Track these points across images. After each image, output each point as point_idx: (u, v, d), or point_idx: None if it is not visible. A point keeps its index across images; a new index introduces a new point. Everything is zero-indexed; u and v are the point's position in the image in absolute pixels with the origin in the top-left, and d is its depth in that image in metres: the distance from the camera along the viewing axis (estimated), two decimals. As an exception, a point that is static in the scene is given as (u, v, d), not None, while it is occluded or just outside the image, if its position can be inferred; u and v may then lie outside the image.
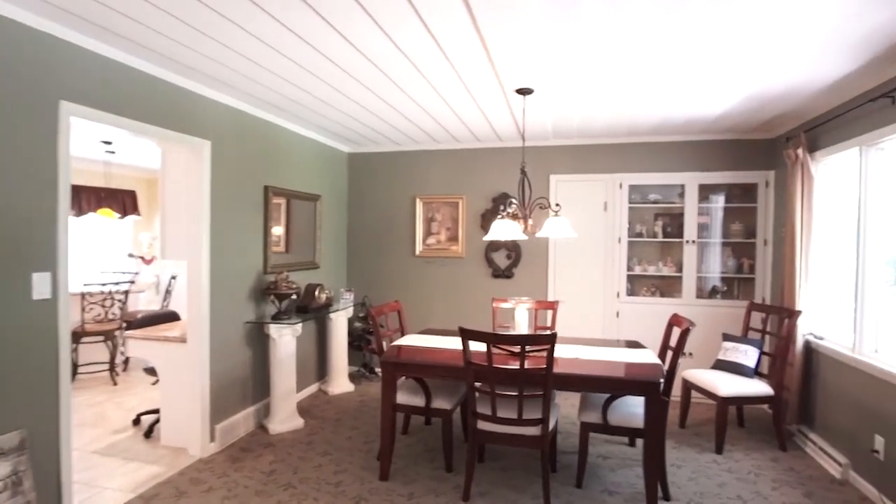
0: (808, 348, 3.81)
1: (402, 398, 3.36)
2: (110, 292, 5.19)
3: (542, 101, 3.70)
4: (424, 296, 5.47)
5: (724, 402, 3.62)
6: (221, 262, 3.67)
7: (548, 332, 2.67)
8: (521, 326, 3.37)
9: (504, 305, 4.12)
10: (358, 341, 5.36)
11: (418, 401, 3.33)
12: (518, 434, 2.86)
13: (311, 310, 4.42)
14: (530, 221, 3.38)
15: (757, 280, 4.71)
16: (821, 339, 3.71)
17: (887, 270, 3.14)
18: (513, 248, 5.20)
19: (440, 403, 3.30)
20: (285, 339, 3.99)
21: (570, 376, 2.85)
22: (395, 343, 3.57)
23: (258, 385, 4.12)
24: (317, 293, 4.49)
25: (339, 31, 2.53)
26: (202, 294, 3.48)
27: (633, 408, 3.06)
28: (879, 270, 3.18)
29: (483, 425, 2.93)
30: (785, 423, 3.78)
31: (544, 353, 2.71)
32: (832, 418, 3.48)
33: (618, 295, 4.96)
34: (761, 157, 4.71)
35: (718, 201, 4.88)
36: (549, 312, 4.26)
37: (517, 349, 2.73)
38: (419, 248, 5.47)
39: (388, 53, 2.84)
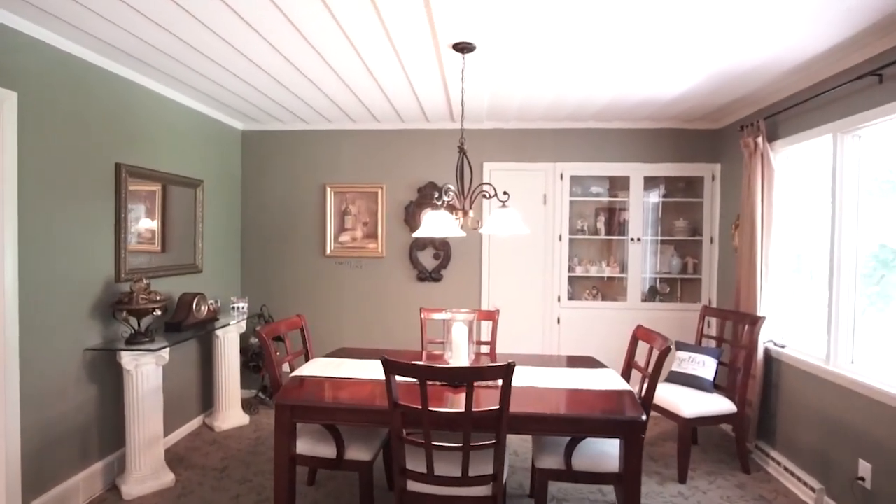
0: (768, 357, 3.46)
1: (305, 447, 2.52)
2: None
3: (482, 67, 3.01)
4: (337, 304, 4.61)
5: (688, 424, 3.16)
6: (43, 266, 2.60)
7: (503, 363, 1.97)
8: (460, 348, 2.67)
9: (436, 317, 3.39)
10: (255, 361, 4.39)
11: (326, 451, 2.51)
12: (463, 497, 2.15)
13: (187, 327, 3.41)
14: (470, 213, 2.68)
15: (703, 281, 4.37)
16: (782, 347, 3.36)
17: (866, 269, 2.81)
18: (441, 247, 4.49)
19: (357, 453, 2.50)
20: (146, 369, 2.97)
21: (533, 417, 2.17)
22: (297, 373, 2.72)
23: (109, 432, 3.07)
24: (195, 305, 3.49)
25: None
26: (5, 314, 2.40)
27: (601, 446, 2.46)
28: (855, 272, 2.83)
29: (415, 486, 2.19)
30: (747, 441, 3.40)
31: (496, 386, 2.03)
32: (800, 437, 3.13)
33: (558, 299, 4.43)
34: (707, 148, 4.37)
35: (661, 196, 4.50)
36: (488, 324, 3.60)
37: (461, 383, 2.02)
38: (330, 246, 4.59)
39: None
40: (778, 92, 3.40)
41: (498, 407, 2.03)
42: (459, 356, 2.66)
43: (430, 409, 2.03)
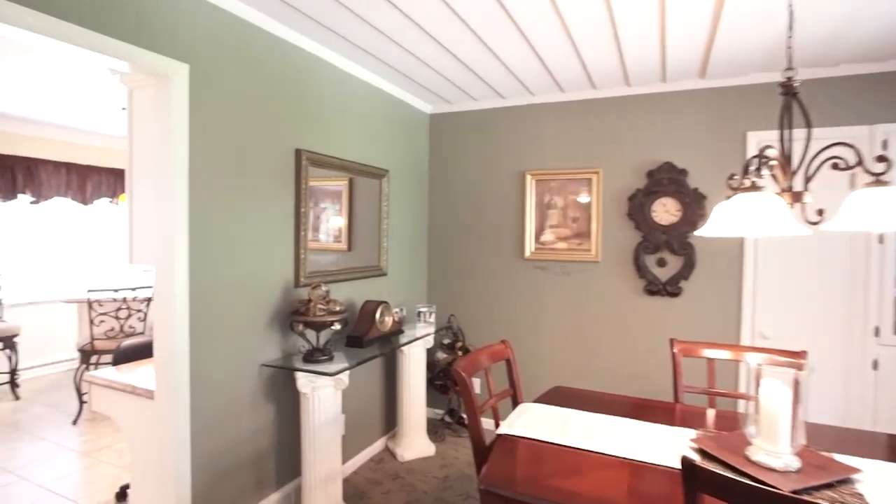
0: None
1: (520, 548, 1.70)
2: (124, 299, 4.03)
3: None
4: (538, 319, 3.74)
5: None
6: (216, 267, 2.23)
7: None
8: (778, 424, 1.56)
9: (708, 354, 2.28)
10: (441, 380, 3.78)
11: (553, 562, 1.64)
12: None
13: (369, 341, 2.89)
14: (807, 197, 1.57)
15: None
16: None
17: None
18: (681, 249, 3.31)
19: (601, 577, 1.59)
20: (323, 394, 2.48)
21: None
22: (506, 429, 1.91)
23: (286, 460, 2.67)
24: (378, 316, 2.95)
25: None
26: (176, 321, 2.05)
27: None
28: None
29: None
30: None
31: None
32: None
33: (876, 332, 2.92)
34: None
35: None
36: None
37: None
38: (530, 247, 3.75)
39: None
40: None
41: None
42: (777, 439, 1.56)
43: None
